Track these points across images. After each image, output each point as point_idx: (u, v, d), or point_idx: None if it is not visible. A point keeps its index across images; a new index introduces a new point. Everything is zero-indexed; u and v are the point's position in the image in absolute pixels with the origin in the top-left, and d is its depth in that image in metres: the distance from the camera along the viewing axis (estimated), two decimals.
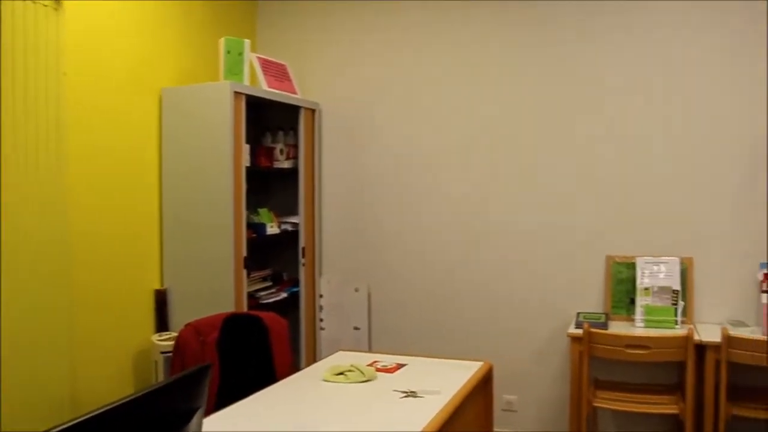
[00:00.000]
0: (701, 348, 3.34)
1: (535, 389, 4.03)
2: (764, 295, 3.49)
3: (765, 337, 3.20)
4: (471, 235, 4.11)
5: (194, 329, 2.82)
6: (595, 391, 3.55)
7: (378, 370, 2.83)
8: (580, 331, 3.37)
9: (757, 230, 3.62)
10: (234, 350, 2.93)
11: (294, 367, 3.17)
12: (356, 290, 4.34)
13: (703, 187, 3.69)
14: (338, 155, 4.40)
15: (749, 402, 3.35)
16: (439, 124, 4.15)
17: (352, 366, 2.77)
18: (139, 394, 1.27)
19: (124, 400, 1.24)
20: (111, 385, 3.38)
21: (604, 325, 3.53)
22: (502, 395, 4.07)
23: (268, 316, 3.05)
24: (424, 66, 4.18)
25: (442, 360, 3.02)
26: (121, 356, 3.45)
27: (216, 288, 3.62)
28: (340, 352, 3.18)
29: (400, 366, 2.91)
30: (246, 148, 3.77)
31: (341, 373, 2.73)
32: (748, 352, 3.18)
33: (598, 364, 3.84)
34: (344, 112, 4.37)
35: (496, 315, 4.08)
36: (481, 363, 2.95)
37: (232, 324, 2.95)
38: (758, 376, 3.61)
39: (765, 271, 3.54)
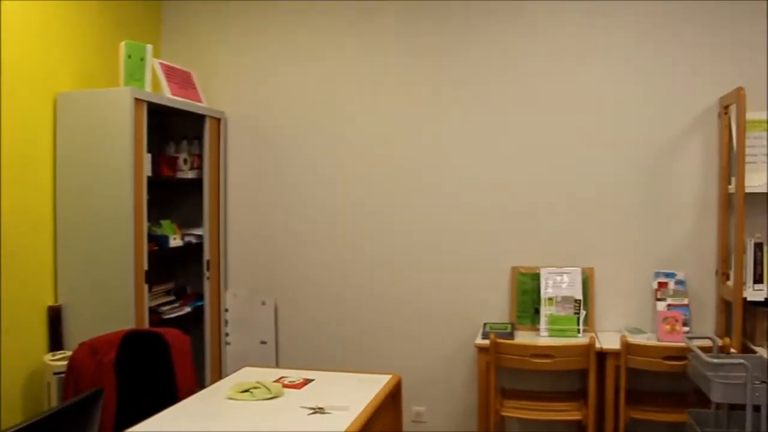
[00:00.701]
0: (602, 355, 3.44)
1: (443, 400, 4.05)
2: (659, 302, 3.65)
3: (660, 343, 3.34)
4: (379, 247, 4.11)
5: (90, 348, 2.67)
6: (502, 400, 3.59)
7: (285, 386, 2.77)
8: (486, 342, 3.41)
9: (652, 240, 3.78)
10: (133, 370, 2.79)
11: (198, 385, 3.06)
12: (263, 303, 4.25)
13: (603, 199, 3.83)
14: (244, 165, 4.30)
15: (646, 405, 3.49)
16: (349, 134, 4.13)
17: (257, 382, 2.69)
18: (23, 425, 1.18)
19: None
20: None
21: (510, 335, 3.59)
22: (411, 406, 4.07)
23: (169, 333, 2.93)
24: (332, 74, 4.15)
25: (351, 374, 2.98)
26: (11, 378, 3.23)
27: (115, 303, 3.46)
28: (246, 368, 3.09)
29: (307, 381, 2.86)
30: (147, 158, 3.63)
31: (246, 390, 2.65)
32: (645, 358, 3.30)
33: (505, 373, 3.91)
34: (251, 122, 4.28)
35: (405, 326, 4.08)
36: (389, 376, 2.92)
37: (130, 342, 2.81)
38: (654, 380, 3.76)
39: (659, 280, 3.70)
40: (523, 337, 3.64)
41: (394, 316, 4.10)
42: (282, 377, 2.90)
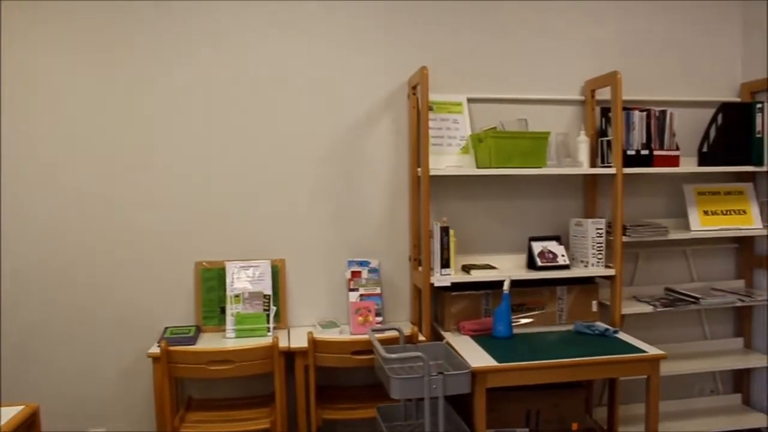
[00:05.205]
0: (291, 355, 3.17)
1: (126, 418, 3.52)
2: (351, 293, 3.46)
3: (348, 338, 3.13)
4: (44, 244, 3.44)
5: None
6: (185, 414, 3.19)
7: None
8: (158, 351, 2.97)
9: (347, 228, 3.59)
10: None
11: None
12: None
13: (293, 187, 3.55)
14: None
15: (342, 403, 3.29)
16: (14, 123, 3.41)
17: None
18: None
19: None
20: None
21: (192, 340, 3.18)
22: (89, 429, 3.50)
23: None
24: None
25: None
26: None
27: None
28: None
29: None
30: None
31: None
32: (333, 355, 3.09)
33: (192, 381, 3.50)
34: None
35: (75, 337, 3.47)
36: (20, 407, 2.40)
37: None
38: (353, 375, 3.60)
39: (353, 269, 3.52)
40: (209, 340, 3.26)
41: (60, 326, 3.46)
42: None
